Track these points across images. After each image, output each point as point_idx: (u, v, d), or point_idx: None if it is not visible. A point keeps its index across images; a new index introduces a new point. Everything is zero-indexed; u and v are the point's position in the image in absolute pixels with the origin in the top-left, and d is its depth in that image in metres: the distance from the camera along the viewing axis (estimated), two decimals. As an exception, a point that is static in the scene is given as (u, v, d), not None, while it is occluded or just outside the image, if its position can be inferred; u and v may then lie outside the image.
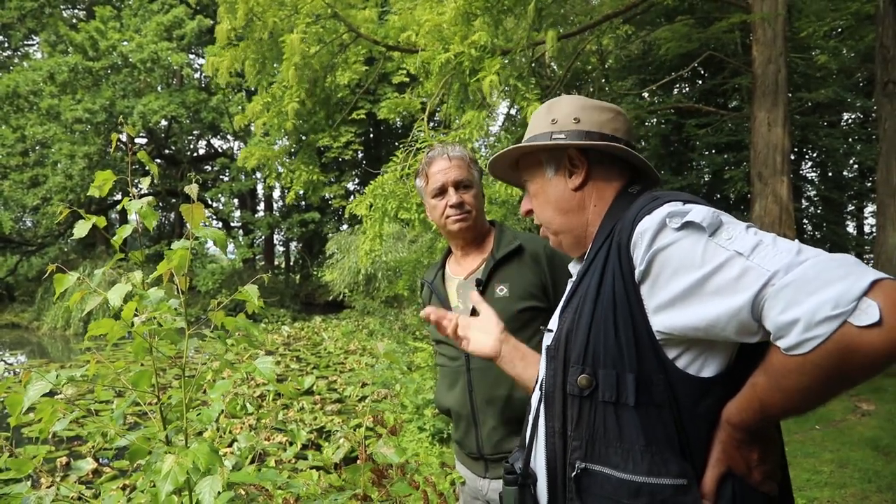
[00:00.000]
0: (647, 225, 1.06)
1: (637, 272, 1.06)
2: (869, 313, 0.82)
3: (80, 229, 1.47)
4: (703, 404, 1.04)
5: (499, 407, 1.91)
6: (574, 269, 1.39)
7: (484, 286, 1.97)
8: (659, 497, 1.02)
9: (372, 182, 6.60)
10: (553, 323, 1.30)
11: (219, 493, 1.37)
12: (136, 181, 1.58)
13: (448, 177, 2.02)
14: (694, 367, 1.04)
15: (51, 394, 1.47)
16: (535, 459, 1.24)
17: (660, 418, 1.04)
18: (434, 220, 2.11)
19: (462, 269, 2.10)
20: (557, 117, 1.32)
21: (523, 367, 1.51)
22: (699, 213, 1.02)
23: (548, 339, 1.29)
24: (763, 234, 0.99)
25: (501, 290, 1.95)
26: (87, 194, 1.52)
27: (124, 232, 1.51)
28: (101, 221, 1.50)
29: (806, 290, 0.87)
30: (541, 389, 1.26)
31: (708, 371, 1.04)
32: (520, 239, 2.01)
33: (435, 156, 2.06)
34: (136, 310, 1.47)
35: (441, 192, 2.03)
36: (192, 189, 1.39)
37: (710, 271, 0.97)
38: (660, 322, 1.04)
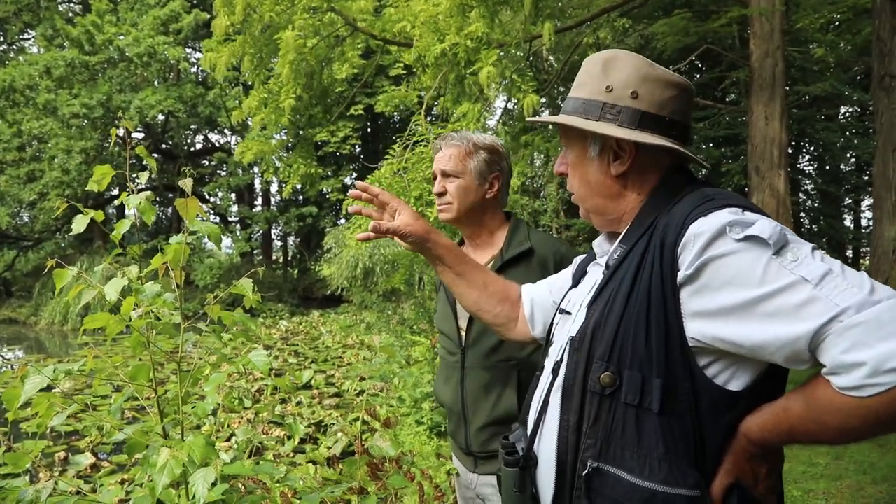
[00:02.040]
0: (702, 228, 0.99)
1: (681, 275, 1.01)
2: None
3: (79, 223, 1.47)
4: (726, 417, 1.01)
5: (487, 408, 1.88)
6: (599, 246, 1.32)
7: None
8: None
9: (369, 176, 6.60)
10: (570, 306, 1.27)
11: (213, 484, 1.37)
12: (134, 176, 1.58)
13: (437, 165, 2.00)
14: (722, 378, 1.01)
15: (48, 388, 1.48)
16: (540, 444, 1.21)
17: (681, 427, 1.01)
18: None
19: None
20: (614, 84, 1.19)
21: (461, 268, 1.49)
22: (765, 227, 0.96)
23: (564, 323, 1.26)
24: (830, 260, 0.94)
25: None
26: (86, 188, 1.52)
27: (123, 226, 1.51)
28: (100, 216, 1.50)
29: (878, 334, 0.83)
30: (553, 374, 1.22)
31: (736, 384, 1.01)
32: (531, 241, 1.94)
33: (438, 143, 2.04)
34: (134, 304, 1.47)
35: (435, 179, 2.02)
36: (187, 183, 1.39)
37: (770, 292, 0.92)
38: (696, 329, 1.00)
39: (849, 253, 17.91)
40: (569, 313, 1.27)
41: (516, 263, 1.91)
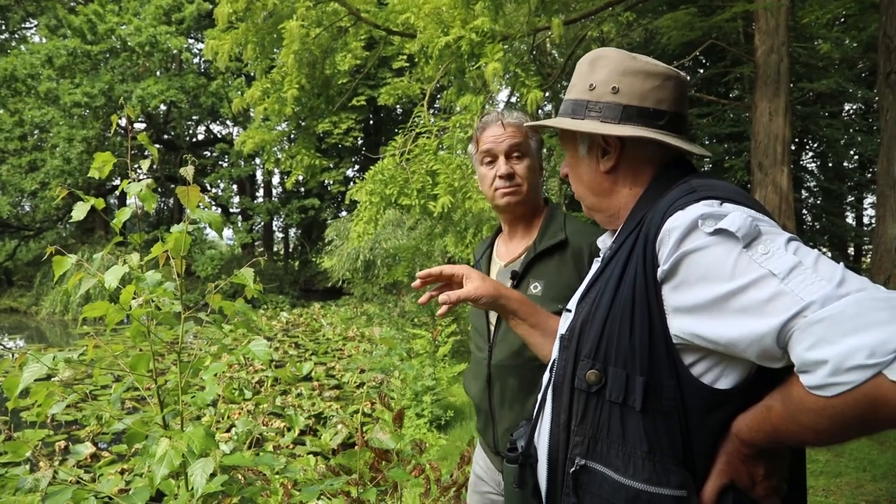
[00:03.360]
0: (676, 223, 0.98)
1: (660, 271, 0.99)
2: None
3: (79, 211, 1.46)
4: (714, 416, 0.99)
5: (516, 408, 1.81)
6: (604, 243, 1.32)
7: (519, 280, 1.84)
8: None
9: (372, 167, 6.58)
10: (572, 304, 1.26)
11: (212, 475, 1.36)
12: (135, 165, 1.57)
13: (500, 143, 1.86)
14: (710, 377, 0.99)
15: (48, 378, 1.47)
16: (539, 441, 1.22)
17: (666, 426, 1.00)
18: (483, 190, 1.96)
19: (507, 253, 1.97)
20: (596, 82, 1.21)
21: (535, 319, 1.49)
22: (735, 220, 0.93)
23: (565, 321, 1.25)
24: (805, 251, 0.90)
25: (535, 288, 1.80)
26: (87, 176, 1.51)
27: (124, 214, 1.49)
28: (100, 203, 1.49)
29: (841, 330, 0.79)
30: (550, 372, 1.22)
31: (725, 382, 0.98)
32: (566, 231, 1.84)
33: (490, 121, 1.91)
34: (134, 293, 1.46)
35: (491, 159, 1.88)
36: (188, 171, 1.38)
37: (739, 287, 0.90)
38: (678, 326, 0.98)
39: (851, 251, 17.88)
40: (570, 311, 1.26)
41: (549, 255, 1.83)
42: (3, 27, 25.61)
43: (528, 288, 1.82)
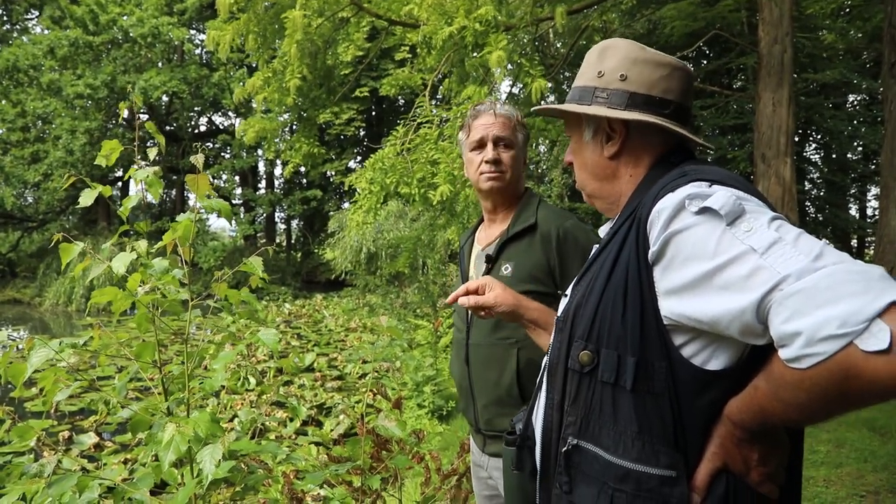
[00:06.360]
0: (665, 204, 1.00)
1: (651, 252, 1.00)
2: (879, 338, 0.74)
3: (87, 198, 1.47)
4: (705, 397, 0.99)
5: (489, 386, 1.89)
6: (604, 231, 1.33)
7: (493, 262, 1.92)
8: (645, 486, 1.00)
9: (372, 156, 6.58)
10: (569, 288, 1.27)
11: (220, 461, 1.37)
12: (139, 156, 1.58)
13: (490, 131, 1.95)
14: (700, 358, 0.99)
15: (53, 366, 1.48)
16: (536, 423, 1.24)
17: (656, 407, 1.00)
18: (469, 175, 2.05)
19: (485, 238, 2.06)
20: (605, 70, 1.22)
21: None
22: (720, 198, 0.94)
23: (561, 305, 1.26)
24: (787, 229, 0.91)
25: (506, 269, 1.88)
26: (90, 167, 1.51)
27: (131, 202, 1.50)
28: (108, 191, 1.49)
29: (814, 302, 0.79)
30: (548, 355, 1.23)
31: (715, 363, 0.98)
32: (537, 216, 1.92)
33: (482, 110, 2.00)
34: (141, 281, 1.47)
35: (480, 145, 1.97)
36: (199, 159, 1.38)
37: (721, 264, 0.90)
38: (667, 307, 0.99)
39: (854, 242, 17.84)
40: (567, 296, 1.27)
41: (520, 238, 1.91)
42: (6, 18, 25.55)
43: (500, 270, 1.89)
